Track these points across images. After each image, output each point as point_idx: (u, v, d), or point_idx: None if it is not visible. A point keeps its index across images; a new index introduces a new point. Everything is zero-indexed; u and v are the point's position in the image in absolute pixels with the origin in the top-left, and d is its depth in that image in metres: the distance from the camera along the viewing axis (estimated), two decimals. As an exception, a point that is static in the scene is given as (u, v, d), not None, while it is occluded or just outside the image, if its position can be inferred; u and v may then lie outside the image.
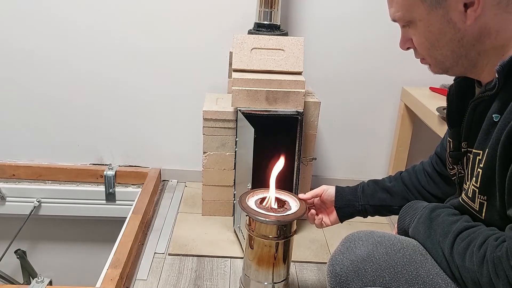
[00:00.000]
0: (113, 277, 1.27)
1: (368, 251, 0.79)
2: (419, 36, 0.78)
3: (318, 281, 1.40)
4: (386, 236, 0.83)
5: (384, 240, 0.81)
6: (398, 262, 0.77)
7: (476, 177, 0.75)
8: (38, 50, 1.75)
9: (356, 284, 0.77)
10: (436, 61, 0.80)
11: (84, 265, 2.01)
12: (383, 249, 0.79)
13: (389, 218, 1.71)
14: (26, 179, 1.91)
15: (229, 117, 1.53)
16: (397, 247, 0.80)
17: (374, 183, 1.13)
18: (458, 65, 0.78)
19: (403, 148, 1.85)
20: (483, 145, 0.75)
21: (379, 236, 0.82)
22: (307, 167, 1.58)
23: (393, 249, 0.79)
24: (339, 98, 1.84)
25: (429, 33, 0.76)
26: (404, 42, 0.83)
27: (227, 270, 1.42)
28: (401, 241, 0.82)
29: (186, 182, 1.96)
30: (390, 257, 0.78)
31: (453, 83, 0.89)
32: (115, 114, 1.85)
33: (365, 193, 1.12)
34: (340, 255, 0.81)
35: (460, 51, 0.76)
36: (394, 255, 0.78)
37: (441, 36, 0.75)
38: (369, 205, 1.11)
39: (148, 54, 1.76)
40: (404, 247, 0.80)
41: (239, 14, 1.70)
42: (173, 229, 1.61)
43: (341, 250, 0.82)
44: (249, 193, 1.21)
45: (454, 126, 0.86)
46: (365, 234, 0.83)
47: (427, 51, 0.79)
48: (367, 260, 0.78)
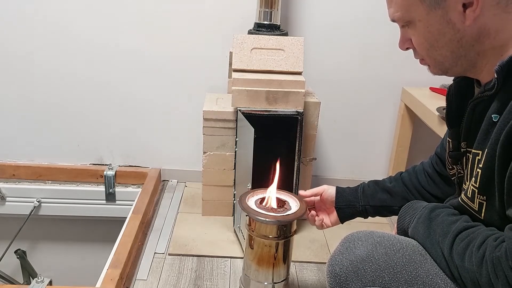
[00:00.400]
0: (113, 277, 1.27)
1: (367, 251, 0.79)
2: (418, 37, 0.78)
3: (318, 281, 1.40)
4: (386, 236, 0.83)
5: (384, 240, 0.81)
6: (398, 262, 0.77)
7: (475, 177, 0.75)
8: (38, 51, 1.75)
9: (355, 284, 0.77)
10: (436, 61, 0.80)
11: (84, 265, 2.01)
12: (383, 249, 0.79)
13: (389, 218, 1.71)
14: (26, 179, 1.91)
15: (229, 117, 1.53)
16: (396, 247, 0.80)
17: (374, 183, 1.13)
18: (457, 66, 0.79)
19: (403, 148, 1.85)
20: (482, 145, 0.75)
21: (379, 237, 0.82)
22: (307, 167, 1.58)
23: (392, 249, 0.79)
24: (339, 98, 1.83)
25: (428, 33, 0.76)
26: (404, 42, 0.83)
27: (227, 270, 1.42)
28: (401, 241, 0.82)
29: (186, 182, 1.96)
30: (390, 257, 0.78)
31: (452, 83, 0.89)
32: (115, 114, 1.85)
33: (365, 193, 1.12)
34: (340, 255, 0.81)
35: (459, 51, 0.76)
36: (394, 255, 0.78)
37: (440, 36, 0.75)
38: (370, 206, 1.11)
39: (148, 54, 1.76)
40: (404, 247, 0.80)
41: (239, 14, 1.70)
42: (173, 229, 1.61)
43: (340, 250, 0.82)
44: (249, 193, 1.21)
45: (454, 126, 0.86)
46: (364, 235, 0.83)
47: (426, 52, 0.79)
48: (367, 260, 0.78)
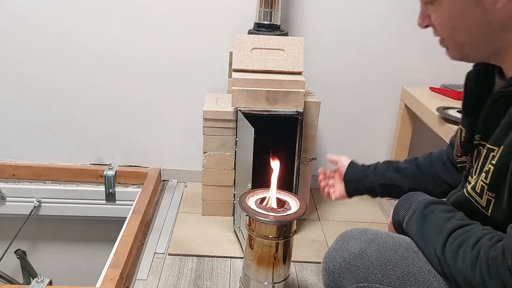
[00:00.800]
0: (113, 277, 1.27)
1: (360, 248, 0.79)
2: (441, 15, 0.73)
3: (318, 281, 1.40)
4: (379, 233, 0.83)
5: (377, 237, 0.81)
6: (390, 259, 0.77)
7: (486, 172, 0.72)
8: (38, 51, 1.75)
9: (348, 281, 0.78)
10: (456, 44, 0.75)
11: (84, 265, 2.01)
12: (375, 247, 0.79)
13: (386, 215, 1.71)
14: (26, 179, 1.91)
15: (229, 117, 1.53)
16: (389, 244, 0.79)
17: (387, 163, 1.12)
18: (479, 51, 0.74)
19: (403, 148, 1.85)
20: (500, 141, 0.71)
21: (372, 234, 0.82)
22: (307, 167, 1.58)
23: (385, 246, 0.79)
24: (339, 98, 1.83)
25: (454, 12, 0.71)
26: (423, 19, 0.77)
27: (227, 270, 1.42)
28: (394, 238, 0.81)
29: (186, 182, 1.96)
30: (382, 254, 0.78)
31: (471, 69, 0.85)
32: (115, 114, 1.85)
33: (376, 171, 1.11)
34: (334, 252, 0.82)
35: (484, 36, 0.71)
36: (386, 252, 0.78)
37: (466, 17, 0.70)
38: (378, 184, 1.10)
39: (148, 54, 1.76)
40: (397, 245, 0.79)
41: (239, 14, 1.70)
42: (173, 229, 1.61)
43: (334, 247, 0.83)
44: (249, 193, 1.21)
45: (469, 116, 0.82)
46: (358, 232, 0.83)
47: (448, 32, 0.74)
48: (359, 257, 0.78)
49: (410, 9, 1.70)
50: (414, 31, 1.73)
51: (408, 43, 1.74)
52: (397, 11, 1.70)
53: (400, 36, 1.73)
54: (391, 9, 1.70)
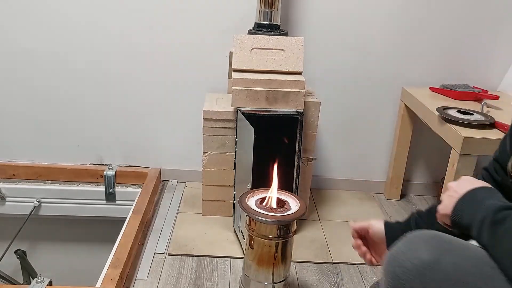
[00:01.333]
0: (113, 277, 1.27)
1: (434, 256, 0.71)
2: None
3: (318, 281, 1.40)
4: (453, 241, 0.75)
5: (452, 246, 0.74)
6: (468, 275, 0.71)
7: None
8: (38, 50, 1.75)
9: None
10: None
11: (84, 265, 2.01)
12: (451, 258, 0.71)
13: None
14: (26, 179, 1.91)
15: (229, 117, 1.53)
16: (466, 255, 0.73)
17: (428, 212, 0.99)
18: None
19: (403, 148, 1.85)
20: None
21: (445, 242, 0.74)
22: (307, 167, 1.58)
23: (461, 258, 0.72)
24: (339, 98, 1.83)
25: None
26: None
27: (227, 270, 1.42)
28: (470, 249, 0.75)
29: (186, 182, 1.96)
30: (459, 268, 0.71)
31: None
32: (115, 114, 1.85)
33: (419, 227, 0.98)
34: (402, 255, 0.74)
35: None
36: (463, 266, 0.71)
37: None
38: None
39: (148, 54, 1.76)
40: (473, 257, 0.73)
41: (239, 14, 1.70)
42: (173, 229, 1.61)
43: (402, 250, 0.75)
44: (249, 193, 1.22)
45: None
46: (429, 236, 0.75)
47: None
48: (433, 268, 0.71)
49: (410, 9, 1.71)
50: (414, 31, 1.74)
51: (408, 43, 1.74)
52: (397, 11, 1.70)
53: (400, 36, 1.73)
54: (391, 9, 1.70)
